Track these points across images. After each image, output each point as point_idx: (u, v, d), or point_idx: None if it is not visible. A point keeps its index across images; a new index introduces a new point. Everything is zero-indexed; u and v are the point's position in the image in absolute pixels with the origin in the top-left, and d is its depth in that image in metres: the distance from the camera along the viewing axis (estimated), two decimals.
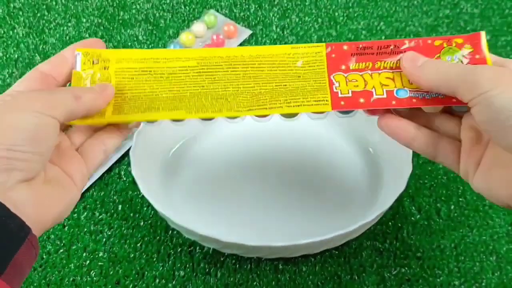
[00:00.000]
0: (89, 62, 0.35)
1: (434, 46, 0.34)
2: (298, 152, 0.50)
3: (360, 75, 0.34)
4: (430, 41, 0.34)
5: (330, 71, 0.35)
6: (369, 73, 0.34)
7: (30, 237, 0.28)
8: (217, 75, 0.35)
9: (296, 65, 0.35)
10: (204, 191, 0.48)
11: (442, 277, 0.43)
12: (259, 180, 0.48)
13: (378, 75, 0.34)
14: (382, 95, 0.33)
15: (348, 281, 0.43)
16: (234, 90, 0.35)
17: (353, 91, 0.34)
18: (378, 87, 0.34)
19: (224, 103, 0.34)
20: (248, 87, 0.35)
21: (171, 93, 0.35)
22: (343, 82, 0.34)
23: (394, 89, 0.34)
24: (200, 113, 0.34)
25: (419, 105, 0.33)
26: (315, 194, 0.47)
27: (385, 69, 0.34)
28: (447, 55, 0.34)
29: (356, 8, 0.66)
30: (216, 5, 0.67)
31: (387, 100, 0.33)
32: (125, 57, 0.36)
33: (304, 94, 0.34)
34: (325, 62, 0.35)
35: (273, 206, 0.46)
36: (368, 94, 0.33)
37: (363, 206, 0.45)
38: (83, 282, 0.43)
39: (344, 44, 0.35)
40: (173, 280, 0.43)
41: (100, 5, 0.67)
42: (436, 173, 0.50)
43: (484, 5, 0.66)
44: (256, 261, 0.44)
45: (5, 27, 0.65)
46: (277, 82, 0.35)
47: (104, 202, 0.48)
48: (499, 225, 0.46)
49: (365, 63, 0.35)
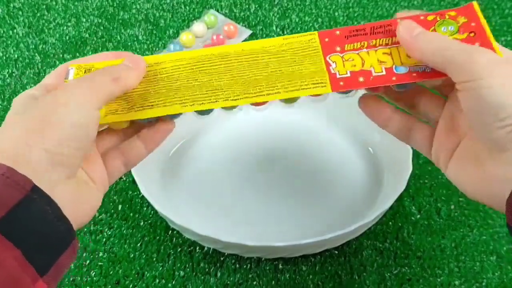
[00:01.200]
0: (81, 73, 0.35)
1: (427, 21, 0.34)
2: (298, 152, 0.50)
3: (357, 54, 0.34)
4: (423, 17, 0.34)
5: (325, 53, 0.34)
6: (366, 51, 0.34)
7: (74, 241, 0.27)
8: (211, 69, 0.35)
9: (290, 51, 0.34)
10: (204, 191, 0.48)
11: (443, 277, 0.43)
12: (258, 180, 0.48)
13: (375, 52, 0.34)
14: (381, 72, 0.33)
15: (348, 281, 0.43)
16: (229, 80, 0.34)
17: (351, 71, 0.33)
18: (376, 65, 0.33)
19: (220, 94, 0.34)
20: (243, 75, 0.34)
21: (164, 88, 0.35)
22: (339, 63, 0.34)
23: (393, 66, 0.33)
24: (195, 105, 0.34)
25: (419, 79, 0.32)
26: (315, 194, 0.47)
27: (381, 45, 0.34)
28: (442, 27, 0.33)
29: (356, 8, 0.66)
30: (216, 5, 0.67)
31: (387, 76, 0.33)
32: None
33: (302, 78, 0.33)
34: (320, 46, 0.34)
35: (273, 206, 0.46)
36: (367, 73, 0.33)
37: (363, 206, 0.45)
38: (83, 282, 0.43)
39: (336, 30, 0.35)
40: (173, 280, 0.43)
41: (100, 5, 0.67)
42: (436, 173, 0.50)
43: (484, 5, 0.66)
44: (256, 261, 0.44)
45: (5, 27, 0.65)
46: (272, 68, 0.34)
47: (104, 202, 0.48)
48: (500, 225, 0.46)
49: (360, 42, 0.34)
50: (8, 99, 0.57)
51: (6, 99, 0.57)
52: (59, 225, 0.26)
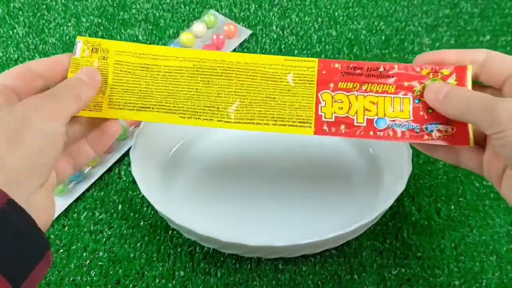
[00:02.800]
0: (88, 50, 0.36)
1: (421, 75, 0.36)
2: (298, 152, 0.50)
3: (346, 96, 0.36)
4: (419, 68, 0.36)
5: (319, 88, 0.36)
6: (355, 94, 0.36)
7: (49, 251, 0.27)
8: (211, 79, 0.36)
9: (287, 78, 0.36)
10: (204, 191, 0.48)
11: (442, 277, 0.43)
12: (259, 180, 0.48)
13: (364, 98, 0.36)
14: (362, 123, 0.35)
15: (348, 281, 0.43)
16: (226, 98, 0.36)
17: (336, 115, 0.36)
18: (360, 113, 0.36)
19: (216, 112, 0.36)
20: (240, 95, 0.36)
21: (165, 91, 0.36)
22: (329, 102, 0.36)
23: (375, 118, 0.35)
24: (192, 119, 0.35)
25: (393, 139, 0.35)
26: (315, 194, 0.47)
27: (371, 92, 0.36)
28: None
29: (356, 8, 0.66)
30: (216, 5, 0.67)
31: (366, 129, 0.35)
32: (124, 50, 0.37)
33: (291, 112, 0.36)
34: (316, 78, 0.36)
35: (273, 206, 0.46)
36: (350, 121, 0.35)
37: (363, 206, 0.45)
38: (83, 282, 0.43)
39: (336, 62, 0.36)
40: (173, 280, 0.43)
41: (100, 5, 0.67)
42: (436, 173, 0.50)
43: (484, 5, 0.66)
44: (256, 261, 0.44)
45: (5, 27, 0.65)
46: (267, 94, 0.36)
47: (104, 202, 0.48)
48: (500, 225, 0.46)
49: (353, 83, 0.36)
50: None
51: None
52: (34, 237, 0.26)
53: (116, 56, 0.36)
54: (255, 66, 0.36)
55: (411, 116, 0.35)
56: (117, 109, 0.36)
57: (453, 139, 0.35)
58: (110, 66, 0.36)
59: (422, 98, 0.35)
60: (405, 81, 0.36)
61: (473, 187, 0.49)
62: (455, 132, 0.35)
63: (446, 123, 0.35)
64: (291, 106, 0.36)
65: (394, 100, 0.36)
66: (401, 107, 0.35)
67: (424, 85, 0.35)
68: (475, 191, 0.48)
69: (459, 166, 0.36)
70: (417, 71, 0.36)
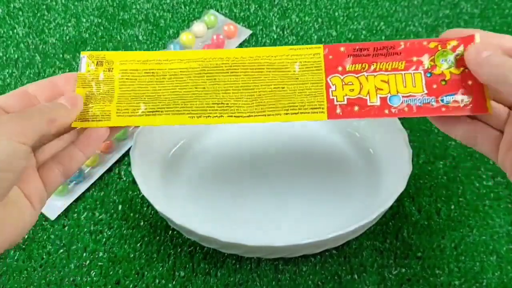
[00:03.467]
0: (93, 64, 0.36)
1: (429, 48, 0.35)
2: (298, 152, 0.50)
3: (356, 78, 0.35)
4: (426, 42, 0.35)
5: (327, 73, 0.36)
6: (365, 75, 0.35)
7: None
8: (217, 77, 0.36)
9: (294, 67, 0.36)
10: (204, 191, 0.48)
11: (443, 277, 0.43)
12: (259, 180, 0.48)
13: (374, 77, 0.35)
14: (375, 102, 0.35)
15: (348, 281, 0.43)
16: (234, 93, 0.36)
17: (348, 97, 0.35)
18: (372, 93, 0.35)
19: (226, 108, 0.35)
20: (248, 89, 0.36)
21: (173, 94, 0.36)
22: (339, 86, 0.35)
23: (388, 95, 0.35)
24: (202, 118, 0.35)
25: (409, 114, 0.34)
26: (315, 194, 0.47)
27: (381, 70, 0.35)
28: (440, 58, 0.35)
29: (356, 8, 0.66)
30: (216, 5, 0.67)
31: (381, 108, 0.34)
32: (128, 59, 0.37)
33: (302, 100, 0.35)
34: (323, 64, 0.36)
35: (273, 206, 0.46)
36: (363, 102, 0.35)
37: (363, 206, 0.45)
38: (83, 282, 0.43)
39: (341, 46, 0.36)
40: (173, 280, 0.43)
41: (100, 5, 0.67)
42: (436, 173, 0.50)
43: (484, 5, 0.66)
44: (256, 261, 0.44)
45: (5, 27, 0.65)
46: (276, 84, 0.36)
47: (104, 202, 0.48)
48: (500, 225, 0.46)
49: (361, 64, 0.36)
50: None
51: None
52: None
53: (121, 66, 0.37)
54: (260, 59, 0.36)
55: (424, 90, 0.34)
56: (126, 116, 0.35)
57: (471, 108, 0.34)
58: (116, 75, 0.36)
59: (433, 71, 0.35)
60: (414, 56, 0.35)
61: (473, 187, 0.49)
62: (472, 101, 0.34)
63: (462, 93, 0.34)
64: (301, 94, 0.35)
65: (405, 76, 0.35)
66: (413, 82, 0.35)
67: (433, 57, 0.35)
68: (475, 191, 0.48)
69: (475, 148, 0.35)
70: (424, 45, 0.35)
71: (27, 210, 0.31)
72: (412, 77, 0.35)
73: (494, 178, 0.49)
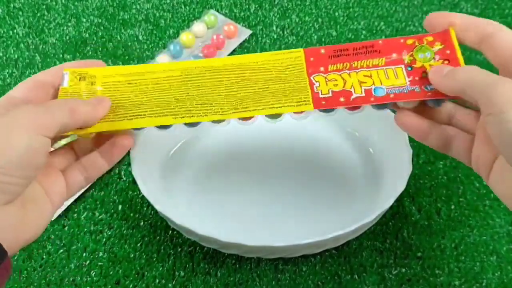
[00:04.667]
0: (76, 79, 0.36)
1: (406, 45, 0.36)
2: (297, 152, 0.50)
3: (339, 75, 0.36)
4: (403, 40, 0.36)
5: (310, 73, 0.36)
6: (347, 72, 0.36)
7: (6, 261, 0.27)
8: (200, 83, 0.36)
9: (276, 69, 0.36)
10: (204, 191, 0.48)
11: (443, 277, 0.43)
12: (259, 180, 0.48)
13: (356, 74, 0.36)
14: (360, 93, 0.35)
15: (348, 281, 0.43)
16: (218, 95, 0.36)
17: (333, 90, 0.35)
18: (356, 86, 0.35)
19: (209, 108, 0.35)
20: (232, 91, 0.36)
21: (156, 100, 0.36)
22: (323, 82, 0.36)
23: (372, 87, 0.35)
24: (186, 117, 0.35)
25: (396, 99, 0.34)
26: (315, 194, 0.47)
27: (362, 67, 0.36)
28: (419, 53, 0.35)
29: (356, 8, 0.66)
30: (216, 5, 0.67)
31: (366, 97, 0.35)
32: (111, 73, 0.37)
33: (286, 96, 0.35)
34: (305, 65, 0.36)
35: (273, 206, 0.46)
36: (348, 94, 0.35)
37: (363, 206, 0.45)
38: (83, 282, 0.43)
39: (321, 48, 0.37)
40: (173, 280, 0.43)
41: (100, 5, 0.67)
42: (436, 173, 0.50)
43: (484, 5, 0.66)
44: (256, 261, 0.44)
45: (5, 27, 0.65)
46: (259, 85, 0.36)
47: (104, 202, 0.48)
48: (500, 225, 0.46)
49: (342, 63, 0.36)
50: None
51: None
52: None
53: (103, 79, 0.37)
54: (243, 66, 0.37)
55: (407, 82, 0.35)
56: (108, 121, 0.35)
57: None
58: (98, 87, 0.36)
59: (413, 65, 0.35)
60: (393, 52, 0.36)
61: (473, 187, 0.49)
62: None
63: None
64: (285, 91, 0.35)
65: (387, 71, 0.35)
66: (395, 75, 0.35)
67: (412, 53, 0.35)
68: (475, 191, 0.48)
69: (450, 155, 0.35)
70: (401, 42, 0.36)
71: (47, 208, 0.31)
72: (393, 71, 0.35)
73: None
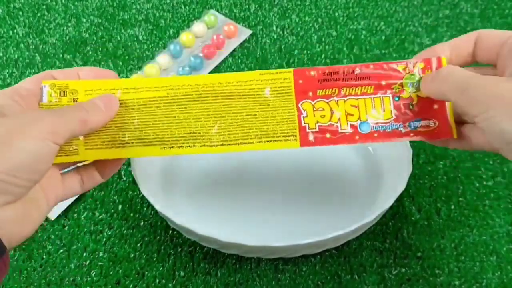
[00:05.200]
0: (56, 94, 0.35)
1: (397, 71, 0.36)
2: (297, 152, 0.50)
3: (327, 103, 0.36)
4: (395, 65, 0.36)
5: (298, 99, 0.36)
6: (335, 100, 0.36)
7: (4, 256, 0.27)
8: (188, 105, 0.35)
9: (264, 92, 0.36)
10: (204, 191, 0.48)
11: (442, 277, 0.43)
12: (259, 180, 0.48)
13: (344, 102, 0.36)
14: (346, 129, 0.36)
15: (348, 281, 0.43)
16: (206, 121, 0.35)
17: (319, 125, 0.36)
18: (343, 119, 0.36)
19: (197, 138, 0.35)
20: (220, 117, 0.35)
21: (142, 124, 0.35)
22: (310, 112, 0.36)
23: (358, 122, 0.36)
24: (175, 148, 0.35)
25: (379, 140, 0.36)
26: (315, 194, 0.47)
27: (350, 95, 0.36)
28: (408, 81, 0.36)
29: (356, 8, 0.66)
30: (216, 5, 0.67)
31: (352, 135, 0.36)
32: (93, 88, 0.35)
33: (274, 127, 0.35)
34: (293, 89, 0.36)
35: (273, 206, 0.46)
36: (334, 129, 0.36)
37: (363, 206, 0.45)
38: (83, 282, 0.43)
39: (311, 70, 0.36)
40: (173, 280, 0.43)
41: (100, 5, 0.67)
42: (436, 173, 0.50)
43: (484, 5, 0.66)
44: (256, 261, 0.44)
45: (5, 27, 0.65)
46: (247, 111, 0.36)
47: (104, 202, 0.48)
48: (499, 225, 0.46)
49: (331, 89, 0.36)
50: None
51: None
52: None
53: (86, 97, 0.35)
54: (230, 85, 0.35)
55: (393, 115, 0.35)
56: (95, 149, 0.35)
57: (437, 133, 0.35)
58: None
59: (401, 95, 0.36)
60: (383, 79, 0.36)
61: (473, 187, 0.49)
62: (437, 126, 0.35)
63: (428, 118, 0.35)
64: (273, 120, 0.35)
65: (374, 100, 0.36)
66: (382, 106, 0.36)
67: (402, 82, 0.35)
68: (475, 191, 0.48)
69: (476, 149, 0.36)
70: (393, 68, 0.36)
71: (43, 208, 0.31)
72: (381, 101, 0.36)
73: (494, 178, 0.49)
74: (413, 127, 0.35)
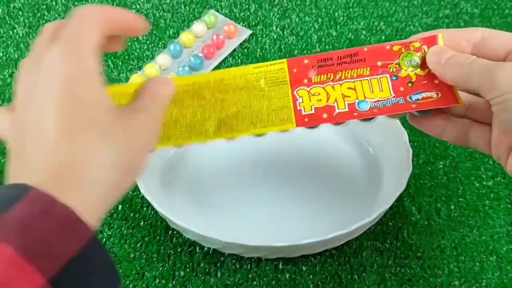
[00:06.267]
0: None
1: (393, 52, 0.35)
2: (298, 152, 0.50)
3: (322, 88, 0.35)
4: (389, 46, 0.35)
5: (293, 86, 0.35)
6: (331, 85, 0.35)
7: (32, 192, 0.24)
8: (185, 102, 0.35)
9: (259, 83, 0.35)
10: (204, 191, 0.48)
11: (443, 277, 0.43)
12: (259, 180, 0.48)
13: (340, 86, 0.35)
14: (344, 109, 0.34)
15: (348, 281, 0.43)
16: (202, 116, 0.35)
17: (315, 107, 0.35)
18: (340, 100, 0.35)
19: (193, 130, 0.35)
20: (216, 111, 0.35)
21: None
22: (306, 98, 0.35)
23: (356, 101, 0.35)
24: (171, 140, 0.35)
25: (380, 113, 0.34)
26: (315, 194, 0.47)
27: (346, 78, 0.35)
28: (405, 60, 0.35)
29: (356, 8, 0.66)
30: (216, 5, 0.67)
31: (349, 113, 0.34)
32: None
33: (269, 114, 0.35)
34: (288, 78, 0.35)
35: (273, 206, 0.46)
36: (331, 109, 0.35)
37: (363, 206, 0.45)
38: None
39: (305, 58, 0.36)
40: (173, 280, 0.43)
41: None
42: (436, 173, 0.50)
43: (484, 5, 0.66)
44: (256, 261, 0.44)
45: (5, 27, 0.65)
46: (242, 104, 0.35)
47: None
48: (499, 225, 0.46)
49: (326, 74, 0.35)
50: (8, 99, 0.57)
51: (6, 99, 0.57)
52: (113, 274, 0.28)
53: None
54: (226, 81, 0.36)
55: (392, 93, 0.35)
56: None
57: (441, 102, 0.34)
58: None
59: (399, 74, 0.35)
60: (378, 60, 0.35)
61: (473, 187, 0.49)
62: (441, 96, 0.34)
63: (429, 90, 0.34)
64: (268, 109, 0.35)
65: (371, 82, 0.35)
66: (380, 87, 0.35)
67: (398, 62, 0.35)
68: (475, 191, 0.48)
69: (469, 147, 0.36)
70: (387, 49, 0.35)
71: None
72: (378, 81, 0.35)
73: (494, 178, 0.49)
74: (415, 99, 0.34)
